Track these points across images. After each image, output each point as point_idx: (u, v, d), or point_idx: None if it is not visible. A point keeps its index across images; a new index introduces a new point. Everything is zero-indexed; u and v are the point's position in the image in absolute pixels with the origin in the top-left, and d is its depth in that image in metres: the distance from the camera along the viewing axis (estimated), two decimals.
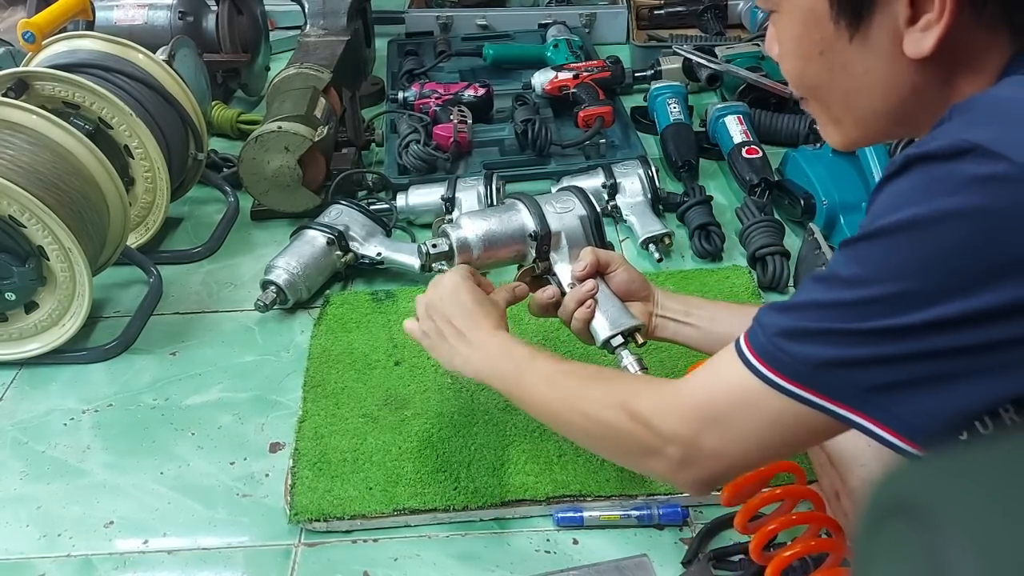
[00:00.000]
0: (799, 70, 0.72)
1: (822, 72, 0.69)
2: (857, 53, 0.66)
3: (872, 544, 0.34)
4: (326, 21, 1.91)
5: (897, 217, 0.58)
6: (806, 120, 1.70)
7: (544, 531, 1.02)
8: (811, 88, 0.72)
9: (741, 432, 0.67)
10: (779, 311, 0.65)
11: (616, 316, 0.98)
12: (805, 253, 1.35)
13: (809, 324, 0.62)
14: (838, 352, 0.60)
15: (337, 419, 1.16)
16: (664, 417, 0.72)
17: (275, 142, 1.50)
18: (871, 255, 0.60)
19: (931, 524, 0.30)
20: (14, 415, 1.22)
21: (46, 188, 1.21)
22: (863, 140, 0.74)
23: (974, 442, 0.36)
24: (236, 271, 1.50)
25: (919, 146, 0.58)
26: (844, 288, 0.60)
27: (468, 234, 1.03)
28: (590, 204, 1.05)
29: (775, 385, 0.64)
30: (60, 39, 1.49)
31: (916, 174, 0.58)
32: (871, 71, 0.66)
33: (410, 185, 1.59)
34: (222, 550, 1.02)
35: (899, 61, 0.64)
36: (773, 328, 0.64)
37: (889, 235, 0.58)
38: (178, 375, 1.28)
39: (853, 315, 0.59)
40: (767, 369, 0.64)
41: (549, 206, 1.04)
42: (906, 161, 0.59)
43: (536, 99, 1.82)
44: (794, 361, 0.62)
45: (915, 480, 0.34)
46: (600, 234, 1.05)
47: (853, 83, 0.68)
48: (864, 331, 0.59)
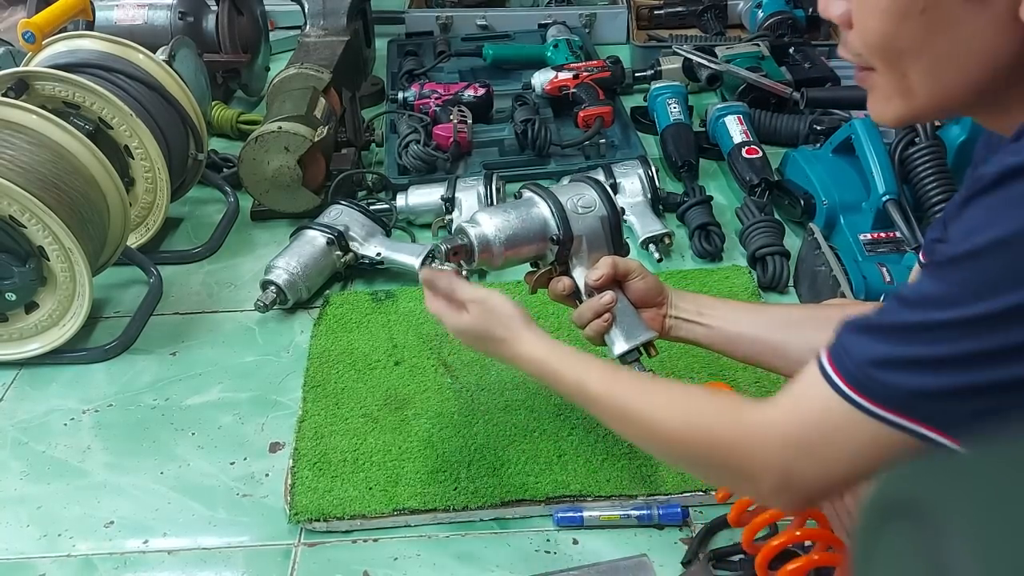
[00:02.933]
0: (890, 30, 0.62)
1: (918, 32, 0.61)
2: (970, 11, 0.59)
3: (872, 544, 0.34)
4: (326, 21, 1.91)
5: (994, 234, 0.54)
6: (806, 120, 1.70)
7: (544, 531, 1.02)
8: (896, 51, 0.63)
9: (835, 459, 0.65)
10: (867, 334, 0.62)
11: (632, 329, 0.96)
12: (805, 253, 1.35)
13: (897, 351, 0.59)
14: (936, 381, 0.57)
15: (337, 419, 1.16)
16: (755, 451, 0.69)
17: (275, 142, 1.50)
18: (960, 275, 0.56)
19: (931, 524, 0.30)
20: (14, 415, 1.22)
21: (46, 188, 1.21)
22: (928, 114, 0.68)
23: (974, 443, 0.36)
24: (236, 271, 1.50)
25: (1013, 155, 0.55)
26: (932, 309, 0.57)
27: (488, 231, 0.95)
28: (611, 202, 0.99)
29: (870, 413, 0.61)
30: (60, 39, 1.49)
31: (1013, 188, 0.54)
32: (977, 35, 0.60)
33: (410, 185, 1.59)
34: (222, 550, 1.02)
35: (1012, 26, 0.58)
36: (863, 356, 0.61)
37: (983, 255, 0.55)
38: (178, 375, 1.28)
39: (945, 339, 0.56)
40: (861, 397, 0.61)
41: (569, 202, 0.97)
42: (1001, 175, 0.55)
43: (536, 99, 1.82)
44: (890, 390, 0.60)
45: (915, 480, 0.34)
46: (618, 235, 1.00)
47: (952, 47, 0.61)
48: (960, 357, 0.56)
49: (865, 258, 1.32)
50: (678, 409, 0.76)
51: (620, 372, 0.87)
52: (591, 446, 1.09)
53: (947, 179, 1.38)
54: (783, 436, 0.67)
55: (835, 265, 1.25)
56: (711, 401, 0.76)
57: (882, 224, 1.37)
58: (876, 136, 1.43)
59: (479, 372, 1.22)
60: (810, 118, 1.69)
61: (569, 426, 1.12)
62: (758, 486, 0.70)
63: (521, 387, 1.19)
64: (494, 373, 1.22)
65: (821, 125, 1.63)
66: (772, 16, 2.14)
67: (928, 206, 1.37)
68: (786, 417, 0.67)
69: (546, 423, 1.13)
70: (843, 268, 1.25)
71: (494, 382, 1.20)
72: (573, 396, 0.86)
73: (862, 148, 1.43)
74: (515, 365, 0.91)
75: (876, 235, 1.36)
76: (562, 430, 1.12)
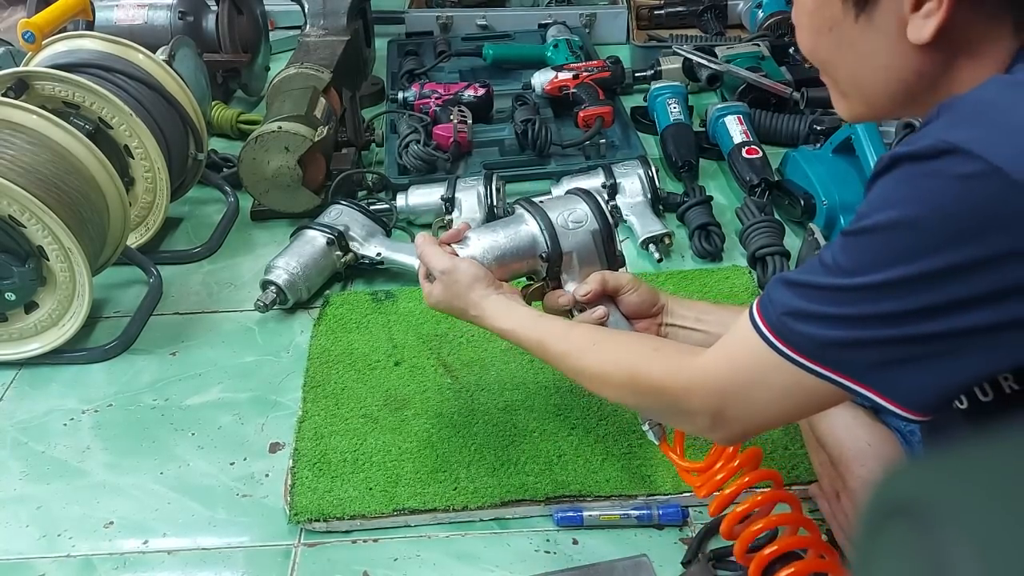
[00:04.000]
0: (811, 43, 0.74)
1: (831, 48, 0.72)
2: (863, 33, 0.68)
3: (873, 544, 0.34)
4: (326, 21, 1.91)
5: (885, 215, 0.61)
6: (806, 120, 1.70)
7: (544, 531, 1.02)
8: (822, 62, 0.75)
9: (760, 402, 0.72)
10: (786, 286, 0.69)
11: None
12: (805, 253, 1.35)
13: (811, 307, 0.66)
14: (839, 334, 0.65)
15: (337, 419, 1.16)
16: (690, 396, 0.77)
17: (275, 142, 1.50)
18: (861, 248, 0.63)
19: (931, 524, 0.30)
20: (14, 415, 1.22)
21: (46, 188, 1.21)
22: (869, 116, 0.77)
23: (974, 443, 0.36)
24: (236, 271, 1.50)
25: (906, 144, 0.62)
26: (840, 275, 0.64)
27: (476, 252, 0.99)
28: (602, 215, 1.00)
29: (788, 358, 0.68)
30: (60, 39, 1.49)
31: (901, 172, 0.61)
32: (876, 52, 0.69)
33: (410, 185, 1.59)
34: (222, 550, 1.02)
35: (902, 44, 0.66)
36: (781, 306, 0.68)
37: (877, 231, 0.62)
38: (178, 375, 1.28)
39: (848, 301, 0.64)
40: (780, 343, 0.68)
41: (560, 217, 0.99)
42: (892, 160, 0.62)
43: (536, 99, 1.82)
44: (802, 339, 0.67)
45: (915, 480, 0.34)
46: (611, 247, 1.01)
47: (859, 61, 0.70)
48: (860, 316, 0.63)
49: None
50: (625, 362, 0.84)
51: (573, 330, 0.92)
52: (591, 446, 1.09)
53: None
54: (716, 380, 0.75)
55: None
56: (655, 351, 0.84)
57: None
58: (876, 136, 1.43)
59: (479, 372, 1.22)
60: (810, 118, 1.69)
61: (569, 426, 1.12)
62: (696, 424, 0.79)
63: (521, 387, 1.19)
64: (494, 373, 1.22)
65: (821, 125, 1.63)
66: (772, 16, 2.14)
67: None
68: (718, 364, 0.75)
69: (546, 423, 1.13)
70: None
71: (494, 382, 1.20)
72: (538, 356, 0.94)
73: (862, 148, 1.43)
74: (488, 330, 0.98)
75: None
76: (562, 430, 1.12)
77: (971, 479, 0.32)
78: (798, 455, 1.06)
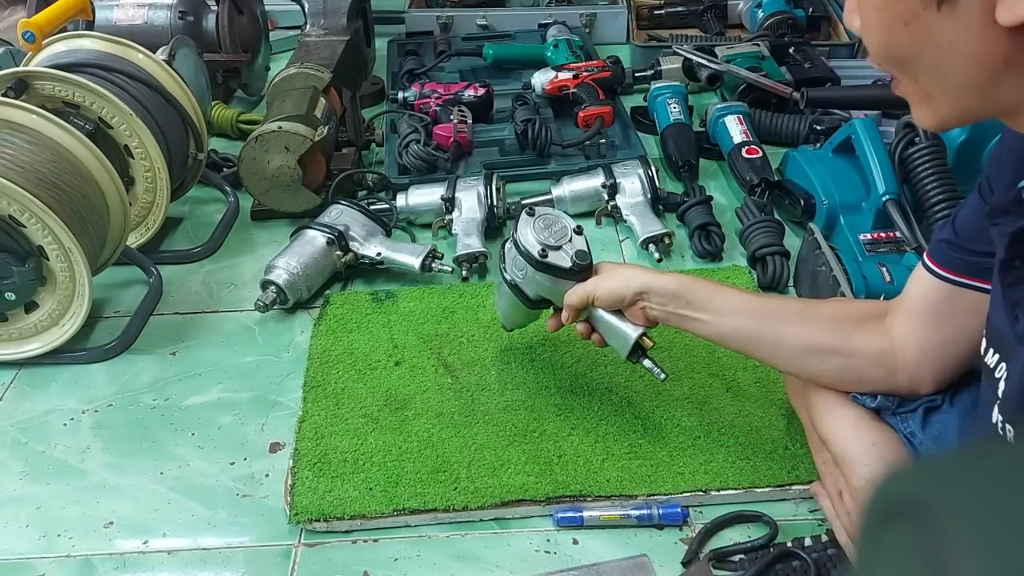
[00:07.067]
0: (883, 42, 0.67)
1: (907, 43, 0.65)
2: (945, 22, 0.62)
3: (874, 544, 0.34)
4: (326, 21, 1.91)
5: None
6: (806, 120, 1.70)
7: (544, 531, 1.02)
8: (898, 61, 0.68)
9: None
10: None
11: (619, 338, 1.04)
12: (805, 253, 1.35)
13: None
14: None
15: (337, 419, 1.16)
16: None
17: (275, 142, 1.50)
18: None
19: (932, 525, 0.30)
20: (14, 415, 1.22)
21: (46, 188, 1.21)
22: (955, 118, 0.70)
23: (977, 443, 0.36)
24: (236, 271, 1.50)
25: None
26: None
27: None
28: (531, 257, 1.04)
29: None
30: (60, 39, 1.49)
31: None
32: (960, 41, 0.62)
33: (410, 185, 1.59)
34: (222, 550, 1.02)
35: (991, 29, 0.60)
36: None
37: None
38: (178, 375, 1.28)
39: None
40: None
41: (510, 274, 1.09)
42: None
43: (536, 99, 1.82)
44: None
45: (916, 481, 0.34)
46: (559, 272, 1.04)
47: (941, 54, 0.64)
48: None
49: (865, 258, 1.32)
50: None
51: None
52: (591, 446, 1.09)
53: (947, 179, 1.37)
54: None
55: (835, 265, 1.25)
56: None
57: (882, 224, 1.37)
58: (876, 136, 1.43)
59: (479, 372, 1.22)
60: (810, 118, 1.69)
61: (569, 426, 1.12)
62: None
63: (521, 387, 1.19)
64: (494, 373, 1.22)
65: (821, 125, 1.63)
66: (772, 16, 2.14)
67: (928, 206, 1.37)
68: None
69: (546, 423, 1.13)
70: (843, 268, 1.25)
71: (494, 382, 1.20)
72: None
73: (862, 148, 1.43)
74: None
75: (876, 235, 1.36)
76: (562, 430, 1.12)
77: (972, 480, 0.32)
78: (799, 455, 1.06)
